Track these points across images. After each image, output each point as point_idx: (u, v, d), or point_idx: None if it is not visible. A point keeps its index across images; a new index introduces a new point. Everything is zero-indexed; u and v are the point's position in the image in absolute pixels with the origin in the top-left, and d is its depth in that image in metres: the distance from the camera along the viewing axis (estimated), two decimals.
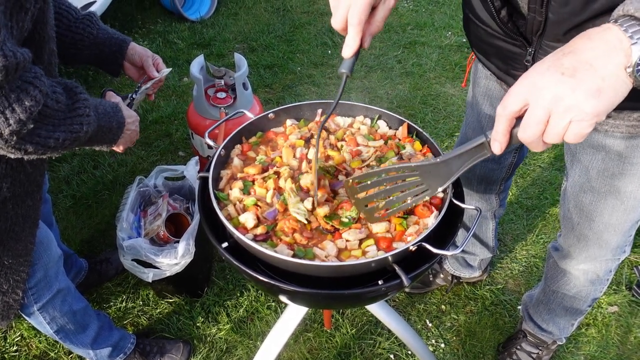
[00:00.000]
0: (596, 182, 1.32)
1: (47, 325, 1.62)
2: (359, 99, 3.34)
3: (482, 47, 1.29)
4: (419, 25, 4.13)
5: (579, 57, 0.74)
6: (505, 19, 1.11)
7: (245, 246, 1.03)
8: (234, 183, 1.18)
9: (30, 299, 1.52)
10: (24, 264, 1.38)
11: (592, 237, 1.45)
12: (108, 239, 2.45)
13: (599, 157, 1.27)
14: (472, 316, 2.19)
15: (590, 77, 0.73)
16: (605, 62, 0.73)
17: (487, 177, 1.70)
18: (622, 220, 1.36)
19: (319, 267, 0.97)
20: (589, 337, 2.12)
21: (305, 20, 4.23)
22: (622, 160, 1.23)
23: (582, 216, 1.43)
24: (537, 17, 1.03)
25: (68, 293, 1.64)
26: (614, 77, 0.73)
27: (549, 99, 0.74)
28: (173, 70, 3.62)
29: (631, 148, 1.20)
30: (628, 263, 2.39)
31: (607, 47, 0.73)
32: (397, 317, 1.65)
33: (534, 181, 2.78)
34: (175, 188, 2.13)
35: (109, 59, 1.51)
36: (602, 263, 1.53)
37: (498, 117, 0.81)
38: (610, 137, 1.21)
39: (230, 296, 2.23)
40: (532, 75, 0.77)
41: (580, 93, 0.73)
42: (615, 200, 1.32)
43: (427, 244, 0.99)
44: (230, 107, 2.28)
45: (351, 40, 0.94)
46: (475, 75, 1.51)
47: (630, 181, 1.26)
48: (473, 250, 2.05)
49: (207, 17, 4.25)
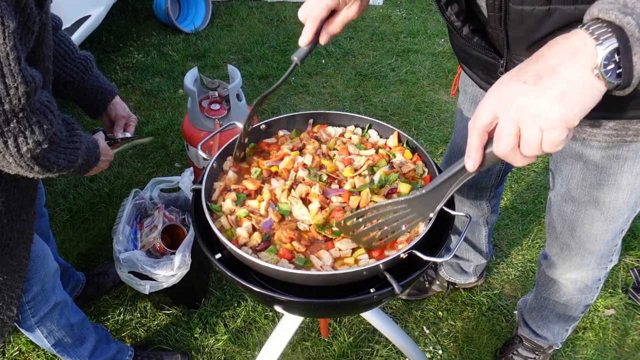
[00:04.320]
0: (576, 192, 1.33)
1: (44, 339, 1.62)
2: (354, 108, 3.37)
3: (463, 57, 1.31)
4: (412, 33, 4.16)
5: (543, 64, 0.73)
6: (469, 35, 1.14)
7: (238, 257, 1.04)
8: (226, 195, 1.19)
9: (28, 313, 1.53)
10: (19, 280, 1.39)
11: (575, 247, 1.45)
12: (105, 251, 2.45)
13: (578, 167, 1.27)
14: (469, 322, 2.19)
15: (553, 82, 0.71)
16: (569, 66, 0.71)
17: (477, 184, 1.72)
18: (603, 230, 1.36)
19: (311, 276, 0.99)
20: (586, 341, 2.13)
21: (299, 31, 4.22)
22: (600, 171, 1.24)
23: (565, 226, 1.43)
24: (500, 34, 1.05)
25: (65, 306, 1.65)
26: (579, 81, 0.71)
27: (515, 110, 0.73)
28: (169, 82, 3.64)
29: (608, 158, 1.20)
30: (624, 266, 2.41)
31: (570, 51, 0.72)
32: (393, 324, 1.66)
33: (529, 186, 2.80)
34: (171, 200, 2.14)
35: (92, 105, 1.58)
36: (588, 272, 1.53)
37: (469, 132, 0.80)
38: (587, 147, 1.21)
39: (228, 306, 2.23)
40: (497, 87, 0.77)
41: (544, 100, 0.71)
42: (595, 211, 1.32)
43: (417, 252, 1.01)
44: (224, 119, 2.29)
45: (306, 31, 1.08)
46: (463, 84, 1.53)
47: (608, 192, 1.27)
48: (467, 257, 2.06)
49: (202, 29, 4.28)
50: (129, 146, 1.68)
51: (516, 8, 0.97)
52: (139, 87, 3.61)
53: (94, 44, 3.92)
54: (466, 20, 1.12)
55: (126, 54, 3.98)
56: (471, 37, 1.14)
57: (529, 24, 0.97)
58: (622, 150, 1.18)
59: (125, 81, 3.67)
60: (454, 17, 1.13)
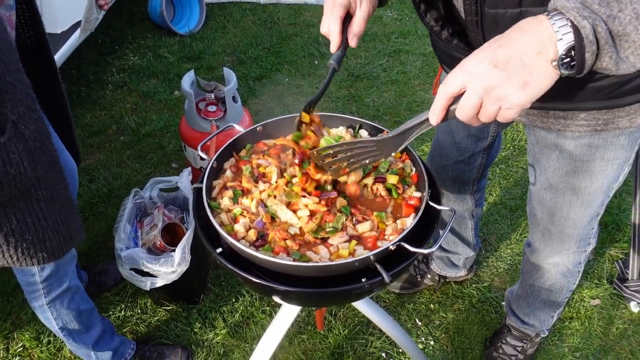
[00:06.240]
0: (553, 180, 1.42)
1: (53, 321, 1.70)
2: (346, 108, 3.44)
3: (444, 58, 1.39)
4: (403, 33, 4.24)
5: (512, 51, 0.83)
6: (449, 38, 1.22)
7: (238, 250, 1.11)
8: (224, 192, 1.26)
9: (41, 292, 1.61)
10: None
11: (555, 232, 1.55)
12: (105, 250, 2.52)
13: (554, 156, 1.37)
14: (460, 314, 2.27)
15: (520, 71, 0.83)
16: (535, 58, 0.82)
17: (459, 178, 1.80)
18: (580, 215, 1.46)
19: (307, 267, 1.06)
20: (573, 330, 2.21)
21: (292, 32, 4.33)
22: (574, 159, 1.33)
23: (545, 212, 1.53)
24: (477, 35, 1.14)
25: (77, 292, 1.73)
26: (541, 71, 0.83)
27: (482, 88, 0.85)
28: (164, 84, 3.70)
29: (580, 147, 1.29)
30: (609, 258, 2.50)
31: (538, 43, 0.82)
32: (387, 316, 1.73)
33: (517, 182, 2.88)
34: (170, 199, 2.21)
35: None
36: (568, 256, 1.63)
37: (438, 95, 0.93)
38: (562, 137, 1.30)
39: (226, 302, 2.30)
40: (470, 63, 0.88)
41: (510, 86, 0.83)
42: (572, 197, 1.42)
43: (405, 244, 1.08)
44: (220, 120, 2.36)
45: (333, 35, 1.16)
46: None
47: (583, 178, 1.36)
48: (456, 250, 2.14)
49: (196, 31, 4.34)
50: (85, 17, 1.67)
51: (491, 12, 1.05)
52: (135, 89, 3.67)
53: (90, 47, 3.96)
54: (445, 25, 1.20)
55: (122, 56, 4.03)
56: (451, 40, 1.22)
57: (503, 25, 1.04)
58: (594, 139, 1.27)
59: (121, 83, 3.73)
60: (433, 22, 1.20)
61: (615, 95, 1.14)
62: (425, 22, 1.22)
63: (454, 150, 1.70)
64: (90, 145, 3.16)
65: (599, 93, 1.14)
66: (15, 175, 1.16)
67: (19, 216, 1.26)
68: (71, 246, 1.48)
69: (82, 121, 3.36)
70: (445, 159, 1.75)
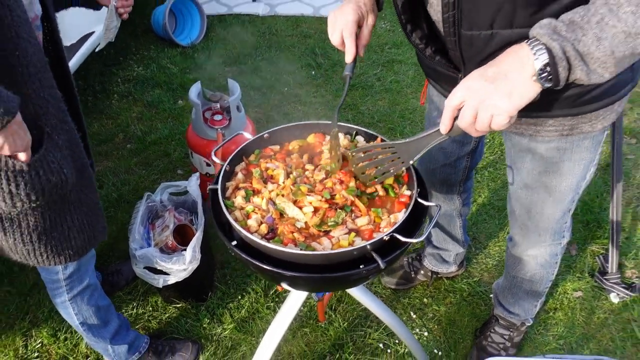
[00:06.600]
0: (528, 180, 1.59)
1: (74, 317, 1.84)
2: (343, 115, 3.61)
3: (429, 72, 1.57)
4: (395, 44, 4.42)
5: (499, 69, 1.04)
6: (432, 55, 1.38)
7: (251, 243, 1.27)
8: (237, 192, 1.42)
9: (64, 289, 1.75)
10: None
11: (532, 226, 1.72)
12: (116, 252, 2.66)
13: (528, 158, 1.54)
14: (452, 307, 2.43)
15: (505, 84, 1.03)
16: (517, 74, 1.02)
17: (447, 180, 1.97)
18: (553, 211, 1.63)
19: (312, 256, 1.22)
20: (557, 320, 2.37)
21: (290, 43, 4.50)
22: (545, 160, 1.50)
23: (522, 209, 1.70)
24: (456, 53, 1.30)
25: (96, 289, 1.87)
26: (522, 84, 1.02)
27: (476, 99, 1.06)
28: (168, 93, 3.86)
29: (550, 150, 1.47)
30: (591, 253, 2.66)
31: (519, 62, 1.03)
32: (385, 307, 1.89)
33: (504, 184, 3.05)
34: (180, 202, 2.36)
35: None
36: (545, 248, 1.80)
37: (445, 107, 1.13)
38: (534, 142, 1.48)
39: (232, 299, 2.45)
40: (467, 81, 1.09)
41: (497, 96, 1.03)
42: (545, 194, 1.59)
43: (398, 235, 1.24)
44: (226, 128, 2.52)
45: (349, 49, 1.35)
46: (430, 94, 1.80)
47: (554, 177, 1.53)
48: (446, 247, 2.30)
49: (198, 42, 4.51)
50: (107, 24, 1.70)
51: (466, 33, 1.23)
52: (140, 99, 3.83)
53: (95, 58, 4.12)
54: (428, 43, 1.37)
55: (126, 67, 4.19)
56: (434, 56, 1.38)
57: (478, 45, 1.23)
58: (561, 143, 1.44)
59: (127, 93, 3.89)
60: (418, 40, 1.37)
61: (577, 104, 1.32)
62: (412, 40, 1.39)
63: (441, 154, 1.87)
64: (99, 153, 3.31)
65: (563, 102, 1.31)
66: (56, 182, 1.31)
67: (52, 217, 1.41)
68: (94, 245, 1.63)
69: (90, 130, 3.50)
70: (433, 162, 1.92)
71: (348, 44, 1.34)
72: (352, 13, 1.33)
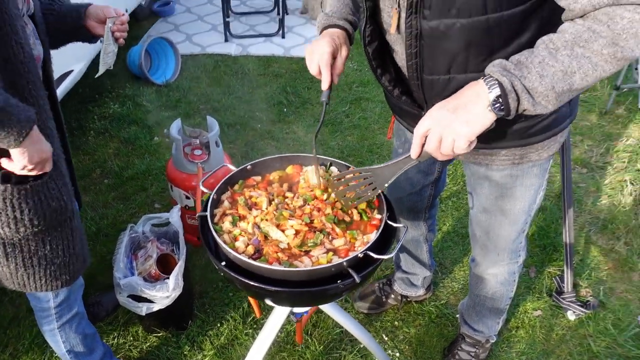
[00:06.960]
0: (486, 204, 1.78)
1: (61, 344, 1.89)
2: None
3: (396, 109, 1.76)
4: (363, 83, 4.68)
5: (459, 101, 1.22)
6: (399, 95, 1.57)
7: (239, 262, 1.40)
8: (225, 218, 1.56)
9: (53, 317, 1.81)
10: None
11: (490, 247, 1.91)
12: (96, 284, 2.70)
13: (485, 185, 1.73)
14: (421, 328, 2.57)
15: (464, 113, 1.20)
16: (474, 105, 1.19)
17: (413, 207, 2.15)
18: (509, 232, 1.82)
19: (294, 272, 1.36)
20: (519, 337, 2.54)
21: (262, 82, 4.71)
22: (500, 186, 1.70)
23: (481, 231, 1.89)
24: (419, 94, 1.50)
25: (83, 317, 1.93)
26: (479, 113, 1.19)
27: (440, 127, 1.22)
28: (144, 130, 3.97)
29: (504, 177, 1.67)
30: (548, 274, 2.86)
31: (476, 95, 1.21)
32: (360, 325, 2.03)
33: (467, 213, 3.26)
34: (162, 233, 2.46)
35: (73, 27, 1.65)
36: (503, 267, 1.98)
37: (414, 136, 1.29)
38: (490, 170, 1.68)
39: (212, 327, 2.53)
40: (432, 111, 1.26)
41: (458, 123, 1.20)
42: (501, 217, 1.78)
43: (371, 252, 1.40)
44: (205, 163, 2.65)
45: (325, 77, 1.49)
46: (397, 129, 2.00)
47: (508, 201, 1.73)
48: (414, 271, 2.47)
49: (172, 81, 4.66)
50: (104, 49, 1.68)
51: (428, 78, 1.42)
52: (116, 135, 3.93)
53: (72, 96, 4.20)
54: (396, 85, 1.56)
55: (102, 104, 4.29)
56: (400, 97, 1.57)
57: (437, 88, 1.42)
58: (514, 170, 1.64)
59: (103, 130, 3.98)
60: (387, 83, 1.56)
61: (525, 136, 1.52)
62: (381, 82, 1.58)
63: (407, 184, 2.05)
64: None
65: (514, 135, 1.52)
66: (56, 208, 1.43)
67: (52, 242, 1.51)
68: (83, 269, 1.72)
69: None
70: (400, 191, 2.10)
71: (324, 73, 1.48)
72: (327, 45, 1.47)
